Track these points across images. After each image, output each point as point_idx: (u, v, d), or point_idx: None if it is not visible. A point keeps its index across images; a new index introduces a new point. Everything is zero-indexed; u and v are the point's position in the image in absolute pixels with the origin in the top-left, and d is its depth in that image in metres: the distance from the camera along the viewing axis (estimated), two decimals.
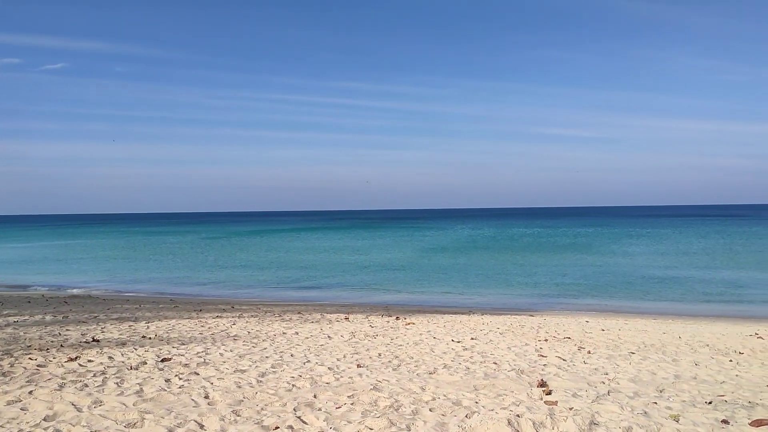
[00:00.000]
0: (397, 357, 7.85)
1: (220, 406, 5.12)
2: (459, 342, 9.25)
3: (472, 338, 9.75)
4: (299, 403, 5.24)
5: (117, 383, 5.90)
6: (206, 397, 5.48)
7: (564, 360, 7.72)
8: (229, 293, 22.13)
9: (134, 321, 11.45)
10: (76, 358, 7.15)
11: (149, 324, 10.97)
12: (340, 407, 5.15)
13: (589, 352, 8.47)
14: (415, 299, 20.24)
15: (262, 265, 33.41)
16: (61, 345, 8.16)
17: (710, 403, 5.42)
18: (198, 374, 6.45)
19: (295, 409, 5.05)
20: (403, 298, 20.66)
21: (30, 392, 5.46)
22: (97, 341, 8.62)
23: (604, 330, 11.61)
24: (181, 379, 6.21)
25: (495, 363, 7.41)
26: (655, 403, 5.38)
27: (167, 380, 6.11)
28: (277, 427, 4.55)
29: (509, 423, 4.55)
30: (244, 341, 9.05)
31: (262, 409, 5.08)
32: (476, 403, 5.34)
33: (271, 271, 30.17)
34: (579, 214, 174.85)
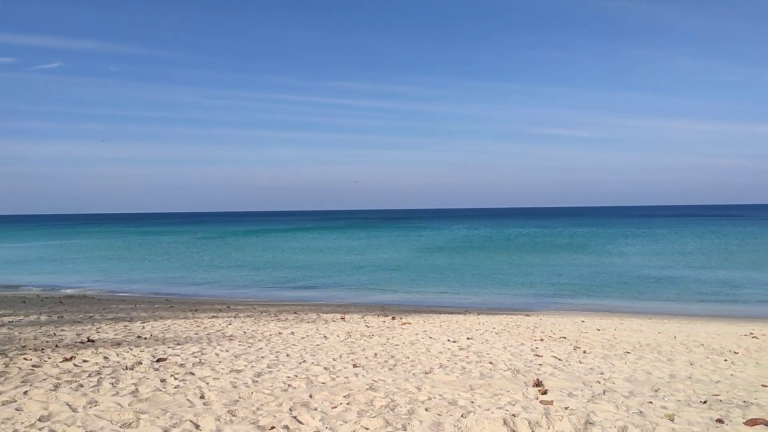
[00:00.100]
0: (393, 357, 7.86)
1: (216, 406, 5.12)
2: (455, 342, 9.26)
3: (468, 338, 9.76)
4: (295, 403, 5.23)
5: (112, 383, 5.89)
6: (202, 397, 5.47)
7: (560, 360, 7.74)
8: (224, 293, 22.10)
9: (130, 321, 11.42)
10: (71, 358, 7.13)
11: (145, 324, 10.95)
12: (336, 407, 5.15)
13: (585, 352, 8.49)
14: (412, 299, 20.25)
15: (258, 265, 33.37)
16: (56, 345, 8.14)
17: (705, 402, 5.44)
18: (194, 374, 6.44)
19: (290, 409, 5.04)
20: (400, 298, 20.67)
21: (25, 392, 5.43)
22: (93, 341, 8.59)
23: (599, 330, 11.64)
24: (176, 379, 6.19)
25: (491, 363, 7.42)
26: (651, 402, 5.40)
27: (163, 380, 6.10)
28: (272, 427, 4.54)
29: (505, 422, 4.56)
30: (240, 341, 9.04)
31: (258, 409, 5.07)
32: (472, 402, 5.35)
33: (267, 271, 30.14)
34: (575, 214, 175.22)
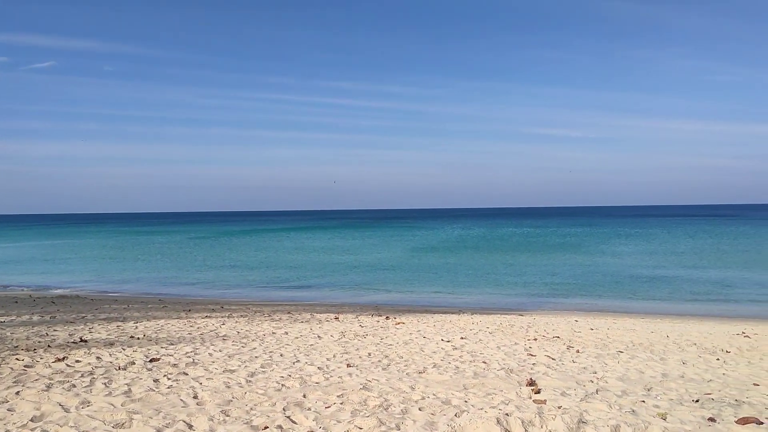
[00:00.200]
0: (386, 356, 7.86)
1: (209, 406, 5.10)
2: (449, 341, 9.27)
3: (462, 338, 9.77)
4: (288, 403, 5.23)
5: (105, 383, 5.86)
6: (195, 397, 5.45)
7: (553, 359, 7.76)
8: (218, 293, 22.04)
9: (122, 321, 11.37)
10: (63, 358, 7.09)
11: (137, 324, 10.90)
12: (329, 407, 5.15)
13: (578, 351, 8.51)
14: (405, 299, 20.26)
15: (252, 264, 33.31)
16: (49, 345, 8.09)
17: (697, 401, 5.46)
18: (187, 374, 6.42)
19: (284, 409, 5.03)
20: (393, 297, 20.67)
21: (17, 393, 5.40)
22: (85, 341, 8.55)
23: (592, 329, 11.68)
24: (169, 379, 6.17)
25: (484, 362, 7.43)
26: (643, 401, 5.42)
27: (156, 380, 6.08)
28: (266, 427, 4.54)
29: (498, 422, 4.57)
30: (234, 341, 9.01)
31: (252, 408, 5.06)
32: (465, 402, 5.36)
33: (260, 270, 30.08)
34: (570, 213, 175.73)
